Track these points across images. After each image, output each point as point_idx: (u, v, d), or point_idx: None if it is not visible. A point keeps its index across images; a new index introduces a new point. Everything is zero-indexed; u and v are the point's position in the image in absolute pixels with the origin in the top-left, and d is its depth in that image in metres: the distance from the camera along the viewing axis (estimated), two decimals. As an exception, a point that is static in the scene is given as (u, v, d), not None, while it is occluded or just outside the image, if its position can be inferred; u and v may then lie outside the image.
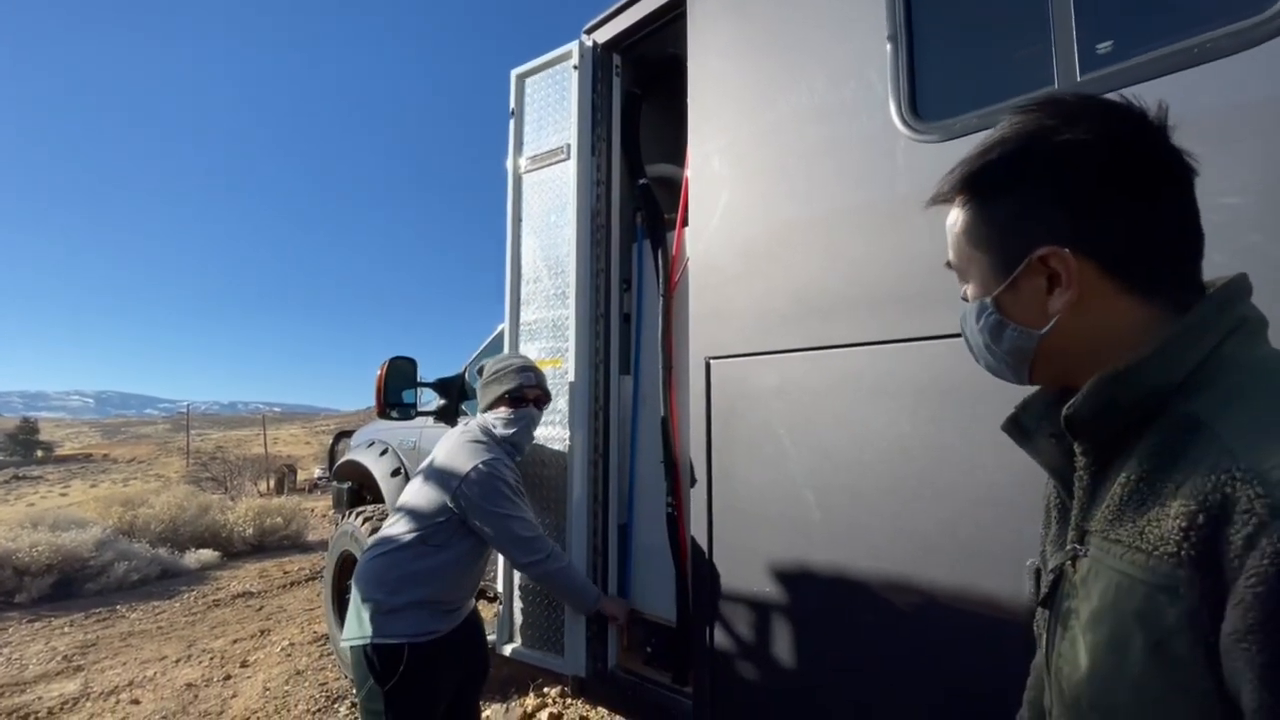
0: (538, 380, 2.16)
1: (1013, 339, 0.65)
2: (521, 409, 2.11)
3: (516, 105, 2.58)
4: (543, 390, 2.18)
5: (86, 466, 26.69)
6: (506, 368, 2.14)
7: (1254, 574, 0.44)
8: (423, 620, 1.87)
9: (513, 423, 2.09)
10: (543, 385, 2.18)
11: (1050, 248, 0.60)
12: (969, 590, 1.32)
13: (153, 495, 9.53)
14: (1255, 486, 0.45)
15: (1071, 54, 1.24)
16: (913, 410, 1.42)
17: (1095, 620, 0.56)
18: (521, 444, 2.15)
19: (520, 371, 2.12)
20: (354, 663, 1.88)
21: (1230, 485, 0.47)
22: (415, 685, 1.83)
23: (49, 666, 4.27)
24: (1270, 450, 0.47)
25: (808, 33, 1.70)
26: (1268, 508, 0.44)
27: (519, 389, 2.10)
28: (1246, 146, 1.05)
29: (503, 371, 2.14)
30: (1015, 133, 0.62)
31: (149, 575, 6.75)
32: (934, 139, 1.43)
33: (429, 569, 1.90)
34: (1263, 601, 0.43)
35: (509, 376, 2.11)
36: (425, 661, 1.85)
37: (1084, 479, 0.62)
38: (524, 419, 2.11)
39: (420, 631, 1.86)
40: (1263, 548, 0.43)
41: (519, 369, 2.13)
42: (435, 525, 1.92)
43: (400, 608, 1.85)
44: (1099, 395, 0.58)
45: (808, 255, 1.65)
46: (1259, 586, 0.43)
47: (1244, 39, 1.06)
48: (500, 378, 2.13)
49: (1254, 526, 0.44)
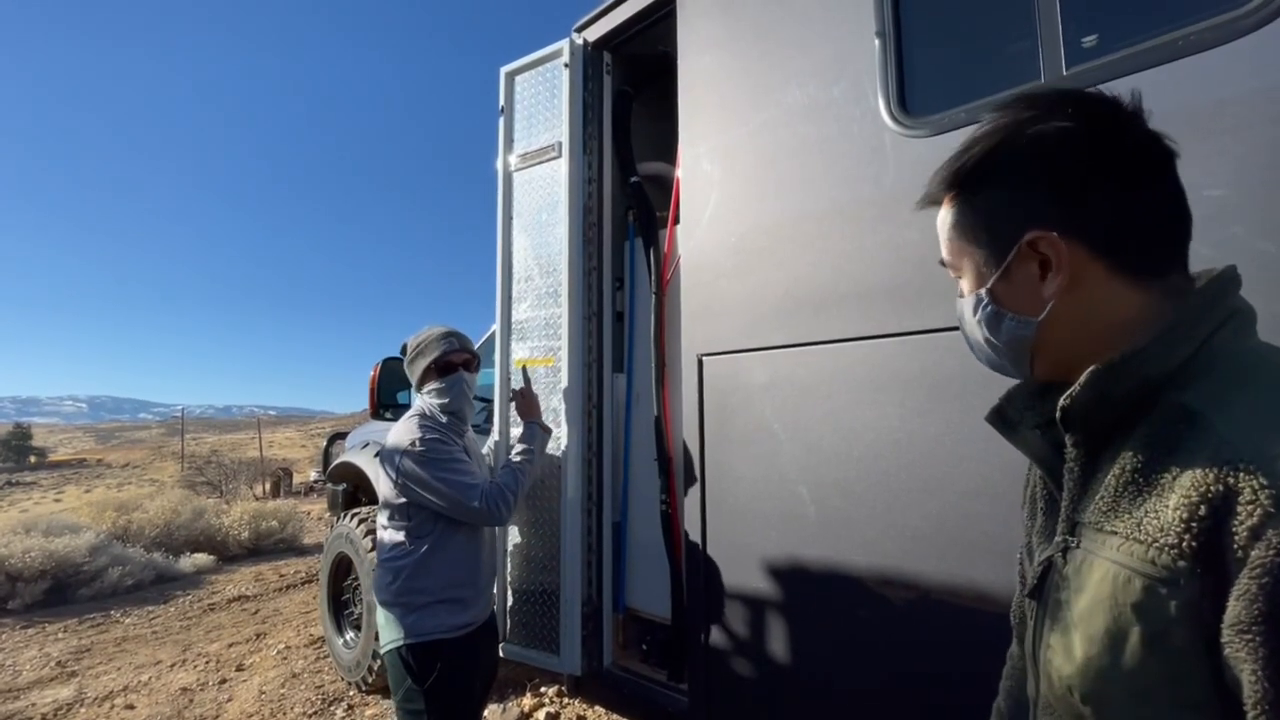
0: (461, 344, 2.08)
1: (1011, 329, 0.65)
2: (451, 376, 2.03)
3: (506, 103, 2.57)
4: (470, 354, 2.10)
5: (80, 472, 26.54)
6: (427, 338, 2.08)
7: (1259, 565, 0.44)
8: (453, 614, 1.88)
9: (445, 392, 2.02)
10: (469, 348, 2.10)
11: (1038, 232, 0.61)
12: (960, 582, 1.33)
13: (147, 500, 9.48)
14: (1259, 478, 0.45)
15: (1057, 48, 1.25)
16: (901, 404, 1.43)
17: (1090, 612, 0.56)
18: (461, 411, 2.07)
19: (442, 339, 2.06)
20: (390, 666, 1.88)
21: (1233, 476, 0.47)
22: (452, 681, 1.85)
23: (43, 673, 4.24)
24: (1271, 442, 0.47)
25: (797, 30, 1.71)
26: (1272, 499, 0.44)
27: (443, 356, 2.03)
28: (1229, 139, 1.06)
29: (424, 343, 2.07)
30: (996, 126, 0.63)
31: (143, 580, 6.71)
32: (922, 134, 1.43)
33: (429, 561, 1.89)
34: (1268, 593, 0.43)
35: (430, 346, 2.05)
36: (460, 657, 1.87)
37: (1075, 470, 0.63)
38: (455, 384, 2.03)
39: (453, 626, 1.87)
40: (1268, 539, 0.44)
41: (440, 336, 2.07)
42: (407, 517, 1.92)
43: (423, 607, 1.85)
44: (1095, 387, 0.58)
45: (798, 251, 1.66)
46: (1264, 578, 0.43)
47: (1225, 32, 1.07)
48: (422, 350, 2.06)
49: (1259, 518, 0.44)
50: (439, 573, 1.89)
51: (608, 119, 2.49)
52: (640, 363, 2.41)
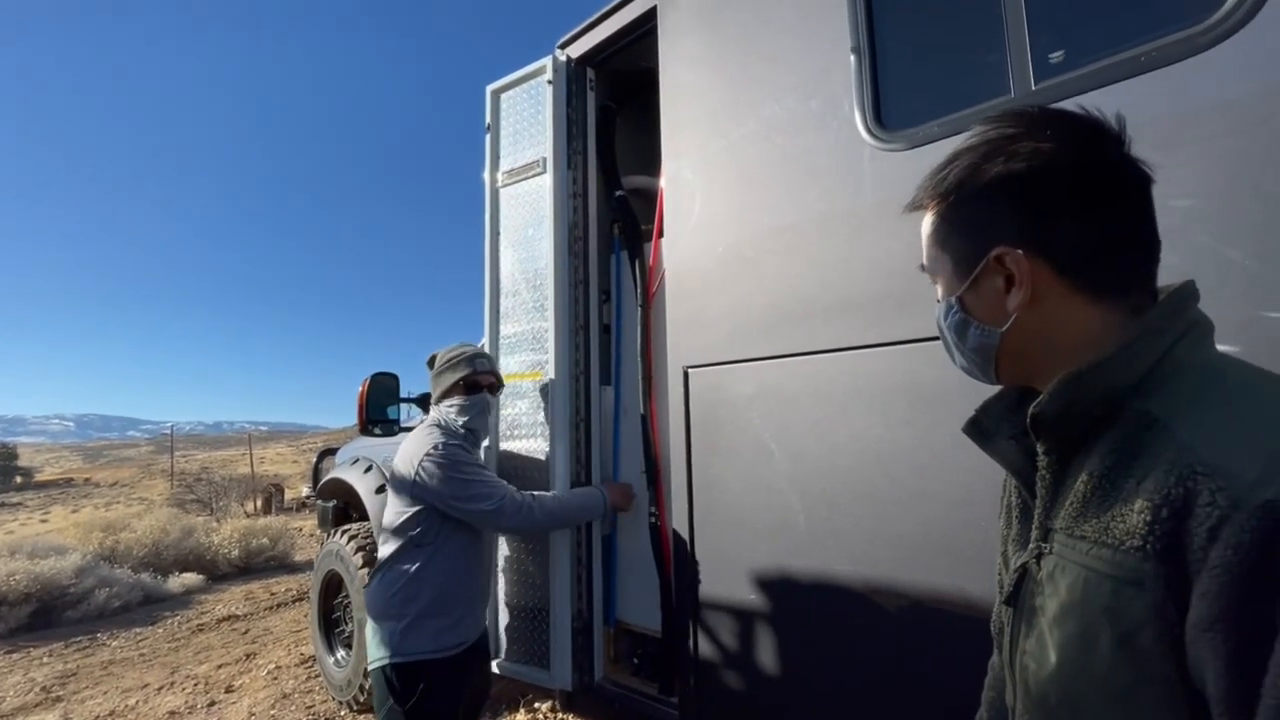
0: (490, 366, 2.14)
1: (976, 337, 0.68)
2: (475, 395, 2.07)
3: (492, 120, 2.59)
4: (496, 376, 2.17)
5: (68, 491, 26.10)
6: (459, 356, 2.10)
7: (1218, 565, 0.45)
8: (439, 635, 1.86)
9: (467, 409, 2.05)
10: (495, 371, 2.17)
11: (1004, 248, 0.63)
12: (947, 591, 1.34)
13: (135, 519, 9.36)
14: (1216, 480, 0.47)
15: (1026, 63, 1.28)
16: (885, 414, 1.44)
17: (1063, 616, 0.58)
18: (479, 430, 2.11)
19: (473, 359, 2.09)
20: (375, 684, 1.87)
21: (1192, 479, 0.48)
22: (436, 704, 1.82)
23: (27, 698, 4.17)
24: (1227, 446, 0.49)
25: (775, 45, 1.73)
26: (1229, 500, 0.46)
27: (472, 375, 2.06)
28: (1194, 150, 1.09)
29: (455, 360, 2.10)
30: (979, 141, 0.66)
31: (131, 601, 6.61)
32: (898, 148, 1.45)
33: (424, 573, 1.88)
34: (1227, 591, 0.45)
35: (461, 364, 2.08)
36: (444, 679, 1.85)
37: (1046, 478, 0.64)
38: (479, 405, 2.07)
39: (438, 648, 1.85)
40: (1225, 539, 0.45)
41: (471, 356, 2.10)
42: (416, 524, 1.91)
43: (411, 622, 1.83)
44: (1063, 395, 0.60)
45: (779, 263, 1.67)
46: (1223, 577, 0.45)
47: (1188, 47, 1.10)
48: (453, 365, 2.09)
49: (1216, 519, 0.46)
50: (434, 585, 1.88)
51: (592, 134, 2.51)
52: (627, 375, 2.42)
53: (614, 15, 2.29)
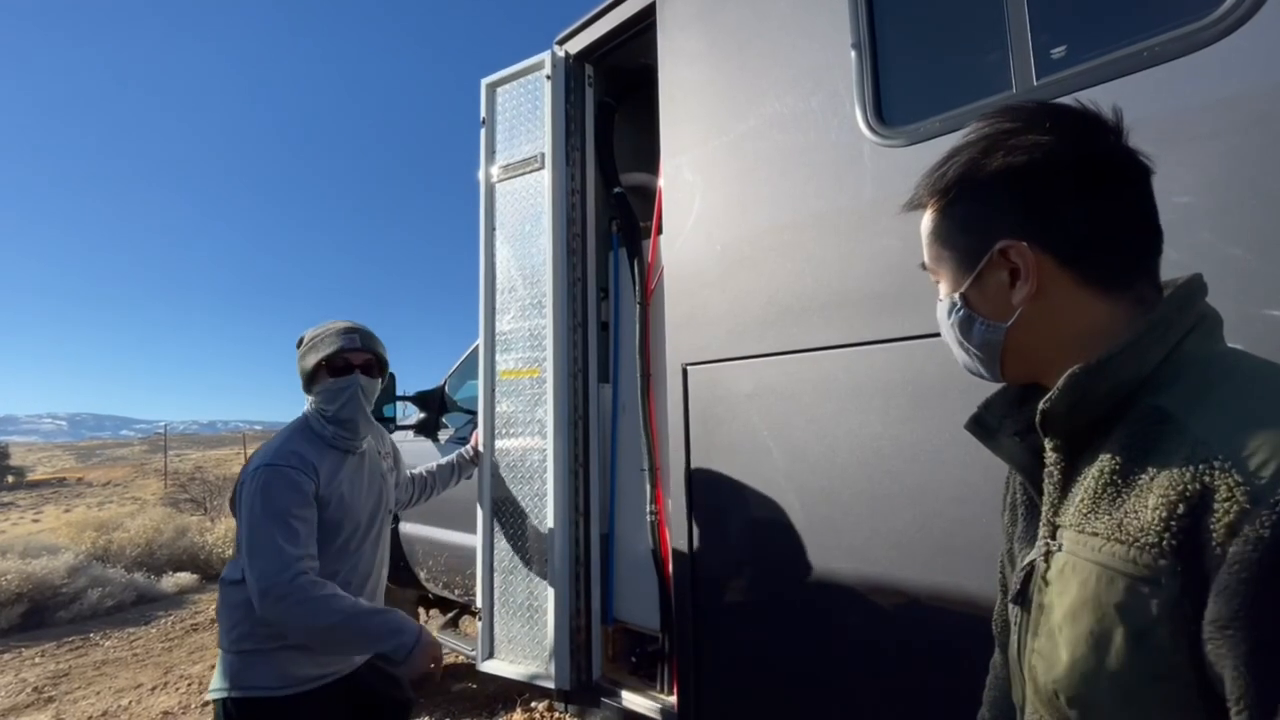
0: (365, 343, 1.70)
1: (981, 333, 0.67)
2: (345, 377, 1.65)
3: (488, 114, 2.58)
4: (374, 355, 1.72)
5: (60, 491, 26.01)
6: (325, 332, 1.70)
7: (1237, 561, 0.44)
8: (287, 665, 1.53)
9: (333, 395, 1.64)
10: (374, 349, 1.72)
11: (1008, 241, 0.62)
12: (947, 588, 1.33)
13: (128, 518, 9.30)
14: (1234, 475, 0.46)
15: (1027, 59, 1.27)
16: (884, 411, 1.44)
17: (1074, 614, 0.57)
18: (353, 420, 1.66)
19: (342, 334, 1.68)
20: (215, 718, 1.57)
21: (1209, 474, 0.47)
22: None
23: (18, 699, 4.13)
24: (1244, 441, 0.48)
25: (775, 42, 1.73)
26: (1248, 495, 0.45)
27: (339, 353, 1.65)
28: (1196, 147, 1.08)
29: (320, 337, 1.69)
30: (977, 136, 0.65)
31: (124, 601, 6.56)
32: (899, 144, 1.45)
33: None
34: (1246, 588, 0.44)
35: (327, 340, 1.67)
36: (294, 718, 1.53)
37: (1054, 474, 0.63)
38: (348, 388, 1.64)
39: (284, 683, 1.52)
40: (1245, 534, 0.44)
41: (340, 331, 1.69)
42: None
43: (251, 651, 1.52)
44: (1073, 390, 0.59)
45: (779, 260, 1.67)
46: (1242, 573, 0.44)
47: (1190, 43, 1.10)
48: (317, 344, 1.68)
49: (1235, 514, 0.45)
50: None
51: (590, 130, 2.50)
52: (626, 373, 2.41)
53: (613, 11, 2.28)
